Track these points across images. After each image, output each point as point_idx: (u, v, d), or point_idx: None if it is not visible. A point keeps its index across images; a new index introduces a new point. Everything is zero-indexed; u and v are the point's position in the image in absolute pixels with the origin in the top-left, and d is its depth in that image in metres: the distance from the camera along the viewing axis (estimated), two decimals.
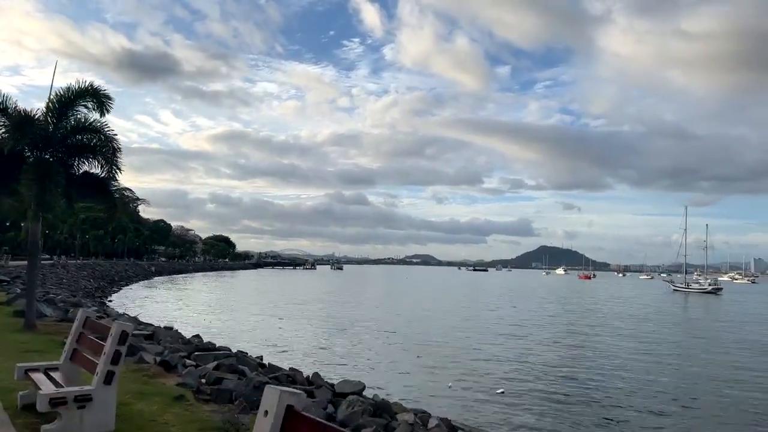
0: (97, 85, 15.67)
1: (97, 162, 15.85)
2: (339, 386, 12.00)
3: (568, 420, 15.50)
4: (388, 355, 24.69)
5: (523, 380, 20.70)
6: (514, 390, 19.08)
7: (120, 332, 7.12)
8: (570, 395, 18.56)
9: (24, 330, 15.26)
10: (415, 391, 18.42)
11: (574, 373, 22.15)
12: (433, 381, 20.08)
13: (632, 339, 32.70)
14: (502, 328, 36.01)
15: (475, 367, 22.49)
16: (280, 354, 22.88)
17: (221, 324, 33.57)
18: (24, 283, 33.68)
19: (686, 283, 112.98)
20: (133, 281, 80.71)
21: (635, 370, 23.05)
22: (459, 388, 19.40)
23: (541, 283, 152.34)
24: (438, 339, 30.33)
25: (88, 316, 8.72)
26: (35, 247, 15.61)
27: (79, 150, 15.61)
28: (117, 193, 15.98)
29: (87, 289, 52.51)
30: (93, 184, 15.97)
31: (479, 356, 25.41)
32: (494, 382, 20.27)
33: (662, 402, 18.07)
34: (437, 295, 76.25)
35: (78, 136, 15.77)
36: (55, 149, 15.37)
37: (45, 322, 16.84)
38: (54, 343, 13.66)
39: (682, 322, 46.68)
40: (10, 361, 11.73)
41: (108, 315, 19.61)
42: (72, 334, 8.64)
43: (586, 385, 20.23)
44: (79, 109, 15.86)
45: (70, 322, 18.36)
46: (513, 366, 23.16)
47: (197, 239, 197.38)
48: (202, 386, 9.98)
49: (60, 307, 19.74)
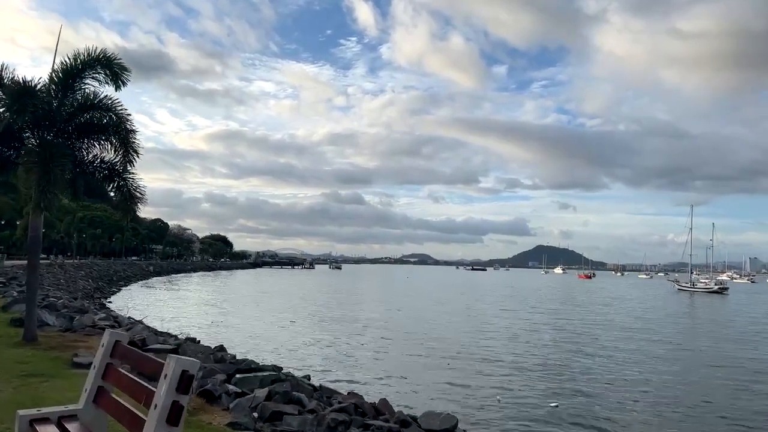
0: (110, 53, 13.21)
1: (109, 145, 13.41)
2: (425, 421, 9.61)
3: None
4: (419, 365, 22.63)
5: (573, 391, 19.13)
6: (568, 404, 17.42)
7: (180, 373, 4.72)
8: (634, 410, 17.00)
9: (24, 343, 12.83)
10: (466, 406, 16.58)
11: (625, 382, 20.74)
12: (477, 393, 18.42)
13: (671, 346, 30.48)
14: (528, 334, 33.71)
15: (515, 377, 21.04)
16: (306, 366, 20.58)
17: (235, 330, 31.23)
18: (22, 285, 31.13)
19: (691, 282, 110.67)
20: (132, 281, 78.15)
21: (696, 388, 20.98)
22: (509, 402, 17.71)
23: (543, 282, 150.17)
24: (467, 344, 28.47)
25: (119, 340, 6.29)
26: (36, 244, 13.16)
27: (88, 130, 13.17)
28: (132, 182, 13.54)
29: (86, 290, 50.08)
30: (104, 171, 13.54)
31: (515, 364, 23.61)
32: (542, 394, 18.80)
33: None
34: (446, 295, 73.88)
35: (86, 115, 13.32)
36: (60, 129, 12.92)
37: (47, 333, 14.41)
38: (61, 362, 11.23)
39: (702, 324, 44.18)
40: (8, 387, 9.33)
41: (119, 323, 17.14)
42: (96, 366, 6.20)
43: (642, 395, 18.82)
44: (87, 81, 13.43)
45: (76, 333, 15.92)
46: (554, 375, 21.55)
47: (194, 238, 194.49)
48: (259, 426, 7.58)
49: (63, 314, 17.26)
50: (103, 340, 6.51)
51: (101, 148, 13.42)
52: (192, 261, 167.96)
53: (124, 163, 13.31)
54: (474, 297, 72.21)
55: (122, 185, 13.48)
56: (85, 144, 13.31)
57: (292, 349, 24.55)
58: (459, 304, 58.10)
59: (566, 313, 50.32)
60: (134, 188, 13.51)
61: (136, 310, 39.48)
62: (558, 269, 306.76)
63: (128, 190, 13.48)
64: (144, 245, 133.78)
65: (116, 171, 13.45)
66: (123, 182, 13.47)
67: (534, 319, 43.41)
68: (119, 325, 16.62)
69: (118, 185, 13.46)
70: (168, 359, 5.09)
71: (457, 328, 35.13)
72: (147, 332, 14.57)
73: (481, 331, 34.01)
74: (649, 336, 34.05)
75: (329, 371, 19.85)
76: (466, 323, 38.66)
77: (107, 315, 18.84)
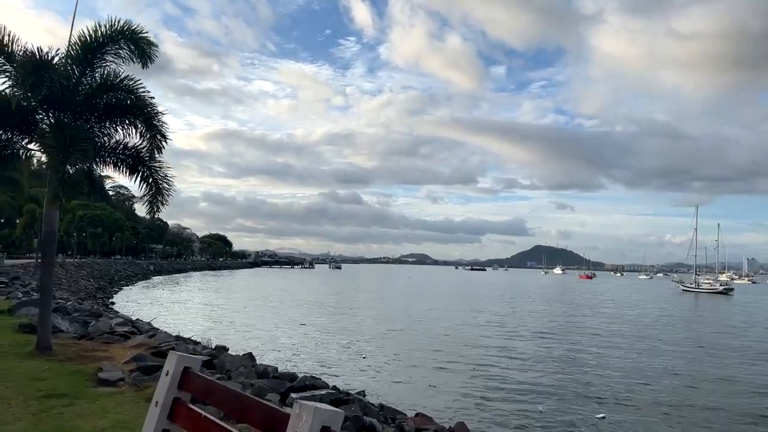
0: (135, 25, 11.66)
1: (134, 129, 11.86)
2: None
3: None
4: (448, 373, 21.28)
5: (617, 401, 18.05)
6: (615, 416, 16.41)
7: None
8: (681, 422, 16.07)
9: (37, 354, 11.27)
10: (508, 415, 15.77)
11: (667, 392, 19.65)
12: (517, 403, 17.18)
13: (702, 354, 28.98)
14: (552, 340, 32.20)
15: (553, 384, 19.95)
16: (341, 374, 19.15)
17: (249, 333, 29.80)
18: (26, 285, 29.51)
19: (696, 283, 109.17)
20: (133, 281, 76.65)
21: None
22: (552, 413, 16.59)
23: (545, 283, 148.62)
24: (491, 348, 27.36)
25: (188, 367, 4.76)
26: (51, 240, 11.61)
27: (109, 112, 11.61)
28: (160, 172, 11.99)
29: (88, 289, 48.70)
30: (128, 159, 11.99)
31: (551, 369, 22.54)
32: (586, 404, 17.73)
33: None
34: (455, 296, 72.43)
35: (106, 96, 11.76)
36: (78, 110, 11.37)
37: (61, 341, 12.85)
38: (83, 377, 9.68)
39: (720, 327, 42.53)
40: (26, 413, 7.77)
41: (138, 329, 15.55)
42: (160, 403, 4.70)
43: (688, 410, 17.60)
44: (108, 58, 11.87)
45: (93, 340, 14.36)
46: (593, 383, 20.43)
47: (194, 238, 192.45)
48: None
49: (76, 318, 15.69)
50: (168, 367, 4.87)
51: (125, 133, 11.88)
52: (192, 260, 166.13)
53: (151, 149, 11.77)
54: (480, 297, 70.69)
55: (148, 176, 11.93)
56: (105, 128, 11.75)
57: (319, 355, 22.97)
58: (471, 305, 56.61)
59: (585, 317, 48.86)
60: (162, 179, 11.97)
61: (142, 311, 37.94)
62: (557, 269, 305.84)
63: (155, 181, 11.93)
64: (144, 244, 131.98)
65: (141, 159, 11.91)
66: (149, 172, 11.93)
67: (557, 321, 41.98)
68: (138, 331, 15.04)
69: (143, 176, 11.91)
70: (299, 409, 3.45)
71: (481, 331, 33.74)
72: (173, 340, 13.03)
73: (504, 336, 32.57)
74: (676, 342, 32.50)
75: (368, 383, 18.27)
76: (490, 325, 37.24)
77: (124, 320, 17.23)
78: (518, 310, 52.05)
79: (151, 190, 11.96)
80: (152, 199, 11.96)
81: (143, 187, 11.99)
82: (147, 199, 11.95)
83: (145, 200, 11.95)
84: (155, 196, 11.96)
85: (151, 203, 11.96)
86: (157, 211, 12.03)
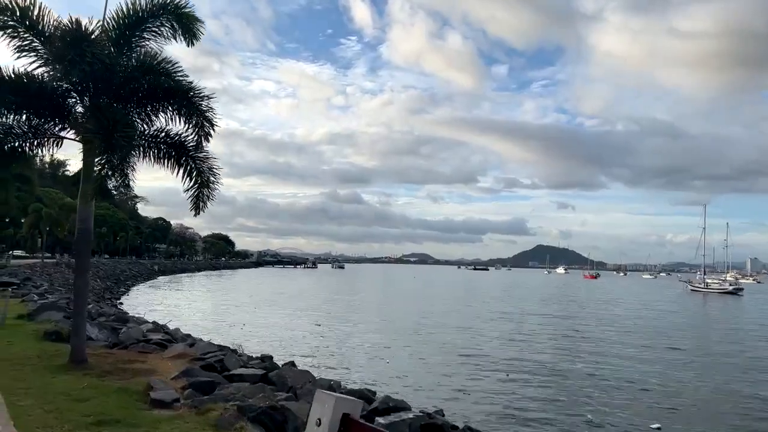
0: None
1: (178, 115, 10.60)
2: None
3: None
4: (480, 378, 20.19)
5: (669, 410, 17.02)
6: (672, 427, 15.32)
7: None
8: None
9: (72, 367, 10.03)
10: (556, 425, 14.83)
11: (720, 402, 18.46)
12: (562, 409, 16.28)
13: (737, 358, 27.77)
14: (580, 342, 31.04)
15: (592, 390, 18.89)
16: (392, 383, 17.98)
17: (269, 335, 28.69)
18: (38, 287, 28.28)
19: (705, 283, 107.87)
20: (138, 281, 75.62)
21: None
22: (604, 422, 15.55)
23: (551, 283, 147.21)
24: (522, 350, 26.51)
25: (347, 413, 3.45)
26: (85, 240, 10.37)
27: (151, 95, 10.36)
28: (206, 164, 10.74)
29: (95, 290, 47.47)
30: (170, 149, 10.73)
31: (587, 374, 21.48)
32: (637, 412, 16.53)
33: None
34: (468, 297, 71.16)
35: (146, 78, 10.50)
36: (118, 93, 10.12)
37: (93, 350, 11.60)
38: (130, 397, 8.40)
39: (741, 330, 41.39)
40: None
41: (172, 336, 14.28)
42: None
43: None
44: (147, 36, 10.62)
45: (128, 350, 13.07)
46: (639, 390, 19.15)
47: (197, 237, 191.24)
48: None
49: (103, 324, 14.42)
50: (319, 413, 3.66)
51: (167, 120, 10.63)
52: (195, 260, 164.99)
53: (198, 139, 10.52)
54: (492, 298, 69.37)
55: (192, 168, 10.67)
56: (146, 114, 10.50)
57: (350, 361, 21.66)
58: (486, 306, 55.35)
59: (606, 318, 47.58)
60: (209, 172, 10.71)
61: (154, 312, 36.75)
62: (560, 269, 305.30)
63: (200, 174, 10.68)
64: (147, 244, 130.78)
65: (186, 149, 10.65)
66: (194, 164, 10.68)
67: (578, 324, 40.67)
68: (173, 339, 13.78)
69: (187, 168, 10.66)
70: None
71: (506, 335, 32.48)
72: (216, 350, 11.76)
73: (533, 339, 31.36)
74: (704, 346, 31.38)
75: (423, 397, 16.95)
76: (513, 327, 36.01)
77: (155, 326, 15.95)
78: (538, 311, 50.72)
79: (195, 184, 10.70)
80: (197, 194, 10.71)
81: (187, 181, 10.73)
82: (192, 194, 10.69)
83: (190, 195, 10.69)
84: (200, 191, 10.70)
85: (196, 199, 10.70)
86: (203, 207, 10.77)
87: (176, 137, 10.67)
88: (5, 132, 9.80)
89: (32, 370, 9.83)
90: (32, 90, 9.44)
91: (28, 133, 10.03)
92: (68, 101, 10.24)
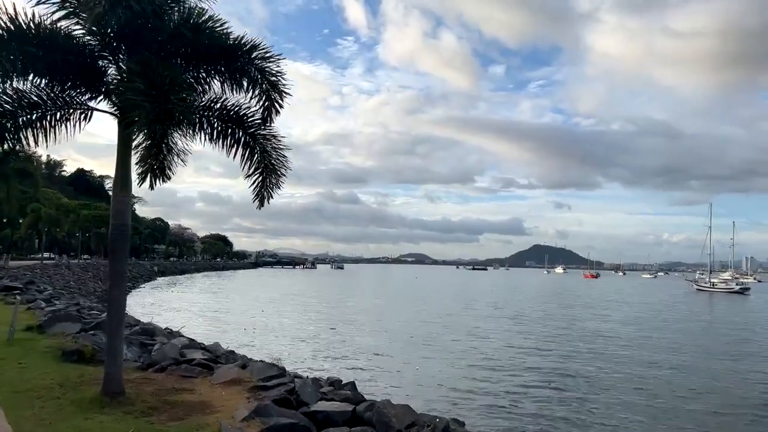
0: None
1: (236, 82, 8.42)
2: None
3: None
4: (527, 395, 18.07)
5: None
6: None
7: None
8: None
9: (107, 402, 7.81)
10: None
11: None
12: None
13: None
14: (605, 346, 29.14)
15: (646, 401, 17.30)
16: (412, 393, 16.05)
17: (287, 342, 26.84)
18: (42, 291, 25.96)
19: (711, 282, 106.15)
20: (139, 282, 73.47)
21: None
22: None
23: (553, 282, 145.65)
24: (559, 357, 25.01)
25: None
26: (123, 239, 8.17)
27: (206, 55, 8.17)
28: (272, 142, 8.56)
29: (97, 292, 45.41)
30: (228, 124, 8.55)
31: (631, 383, 19.87)
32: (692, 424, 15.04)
33: None
34: (475, 297, 69.07)
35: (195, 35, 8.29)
36: (164, 51, 7.92)
37: (127, 374, 9.33)
38: None
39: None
40: None
41: (212, 353, 12.04)
42: None
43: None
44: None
45: (166, 372, 10.77)
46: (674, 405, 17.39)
47: (195, 238, 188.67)
48: None
49: (130, 338, 12.18)
50: None
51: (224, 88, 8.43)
52: (194, 261, 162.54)
53: (265, 112, 8.34)
54: (504, 299, 67.18)
55: (255, 150, 8.50)
56: (195, 78, 8.29)
57: (406, 379, 19.25)
58: (506, 307, 53.22)
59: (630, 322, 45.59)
60: (276, 152, 8.53)
61: (161, 316, 34.61)
62: (559, 269, 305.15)
63: (265, 156, 8.50)
64: (146, 245, 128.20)
65: (247, 125, 8.47)
66: (257, 145, 8.50)
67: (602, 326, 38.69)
68: (216, 357, 11.56)
69: (249, 150, 8.48)
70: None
71: (529, 339, 30.73)
72: (275, 372, 9.52)
73: (562, 343, 29.50)
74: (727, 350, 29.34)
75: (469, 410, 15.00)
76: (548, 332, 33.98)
77: (190, 341, 13.67)
78: (553, 314, 48.54)
79: (258, 169, 8.52)
80: (262, 181, 8.53)
81: (246, 165, 8.54)
82: (255, 181, 8.51)
83: (252, 183, 8.51)
84: (266, 177, 8.53)
85: (259, 187, 8.53)
86: (269, 198, 8.60)
87: (235, 109, 8.48)
88: (17, 101, 7.57)
89: (57, 407, 7.62)
90: (58, 44, 7.25)
91: (48, 102, 7.82)
92: (99, 62, 8.04)
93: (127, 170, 8.07)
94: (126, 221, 8.15)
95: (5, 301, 20.64)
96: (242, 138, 8.52)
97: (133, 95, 6.52)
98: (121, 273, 8.28)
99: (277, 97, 8.34)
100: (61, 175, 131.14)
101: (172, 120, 6.51)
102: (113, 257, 8.22)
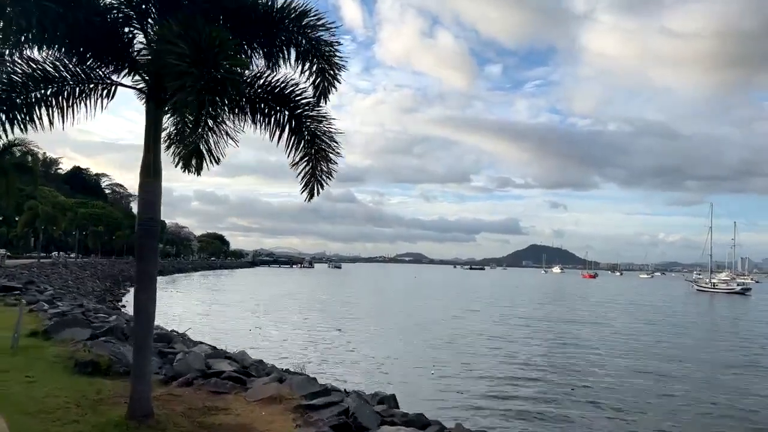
0: None
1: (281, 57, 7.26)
2: None
3: None
4: (545, 394, 17.65)
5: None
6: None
7: None
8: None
9: (134, 426, 6.67)
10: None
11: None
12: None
13: None
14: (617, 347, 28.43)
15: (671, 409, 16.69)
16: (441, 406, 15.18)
17: (292, 345, 25.94)
18: (42, 291, 24.66)
19: (711, 282, 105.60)
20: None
21: None
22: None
23: (553, 282, 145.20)
24: (579, 360, 24.48)
25: None
26: (152, 236, 7.04)
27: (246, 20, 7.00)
28: (325, 128, 7.38)
29: (96, 291, 44.56)
30: (273, 104, 7.38)
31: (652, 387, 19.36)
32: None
33: None
34: (477, 297, 68.33)
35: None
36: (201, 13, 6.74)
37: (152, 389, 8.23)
38: None
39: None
40: None
41: (243, 366, 10.86)
42: None
43: None
44: None
45: (193, 387, 9.43)
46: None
47: (192, 237, 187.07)
48: None
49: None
50: None
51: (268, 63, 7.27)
52: (191, 260, 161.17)
53: (318, 90, 7.19)
54: (508, 299, 66.14)
55: (304, 133, 7.33)
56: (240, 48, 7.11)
57: (429, 389, 18.17)
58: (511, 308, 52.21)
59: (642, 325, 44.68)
60: (326, 137, 7.36)
61: (163, 315, 33.34)
62: (556, 269, 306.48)
63: (314, 140, 7.34)
64: None
65: (295, 105, 7.31)
66: (306, 129, 7.34)
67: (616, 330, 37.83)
68: (245, 368, 10.39)
69: (296, 134, 7.31)
70: None
71: (543, 342, 30.05)
72: (318, 388, 8.37)
73: (575, 345, 28.71)
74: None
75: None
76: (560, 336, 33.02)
77: (213, 350, 12.48)
78: (560, 316, 47.51)
79: (307, 156, 7.36)
80: (311, 170, 7.37)
81: (293, 152, 7.37)
82: (303, 169, 7.34)
83: (300, 172, 7.34)
84: (316, 165, 7.36)
85: (309, 177, 7.37)
86: (320, 188, 7.44)
87: (281, 86, 7.30)
88: (30, 72, 6.40)
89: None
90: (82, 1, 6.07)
91: (66, 75, 6.66)
92: (125, 28, 6.86)
93: (158, 154, 6.92)
94: (156, 215, 6.98)
95: (5, 302, 19.35)
96: (290, 120, 7.35)
97: (176, 60, 5.34)
98: (150, 275, 7.10)
99: (333, 72, 7.18)
100: (57, 173, 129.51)
101: (225, 90, 5.35)
102: (141, 256, 7.04)
